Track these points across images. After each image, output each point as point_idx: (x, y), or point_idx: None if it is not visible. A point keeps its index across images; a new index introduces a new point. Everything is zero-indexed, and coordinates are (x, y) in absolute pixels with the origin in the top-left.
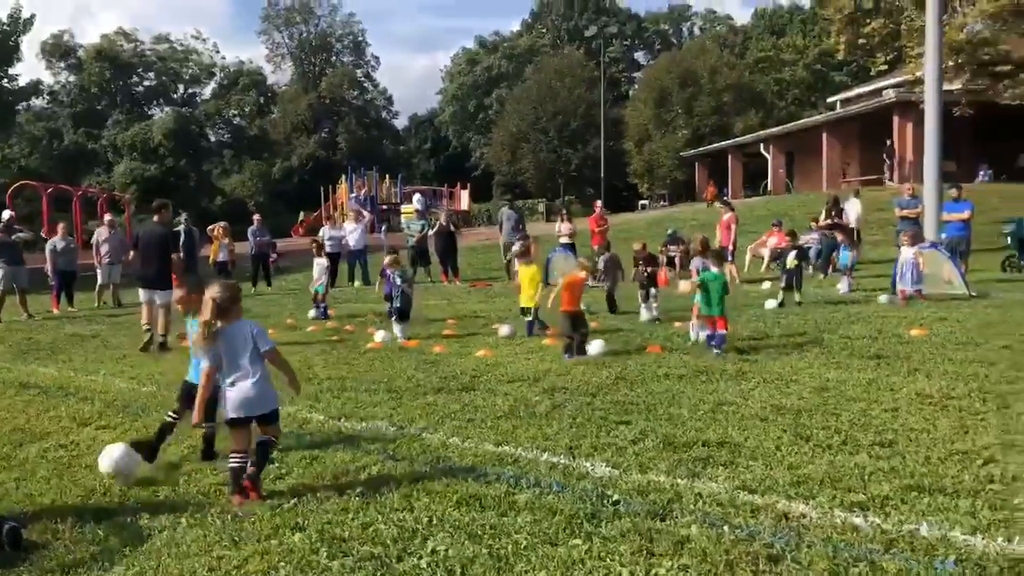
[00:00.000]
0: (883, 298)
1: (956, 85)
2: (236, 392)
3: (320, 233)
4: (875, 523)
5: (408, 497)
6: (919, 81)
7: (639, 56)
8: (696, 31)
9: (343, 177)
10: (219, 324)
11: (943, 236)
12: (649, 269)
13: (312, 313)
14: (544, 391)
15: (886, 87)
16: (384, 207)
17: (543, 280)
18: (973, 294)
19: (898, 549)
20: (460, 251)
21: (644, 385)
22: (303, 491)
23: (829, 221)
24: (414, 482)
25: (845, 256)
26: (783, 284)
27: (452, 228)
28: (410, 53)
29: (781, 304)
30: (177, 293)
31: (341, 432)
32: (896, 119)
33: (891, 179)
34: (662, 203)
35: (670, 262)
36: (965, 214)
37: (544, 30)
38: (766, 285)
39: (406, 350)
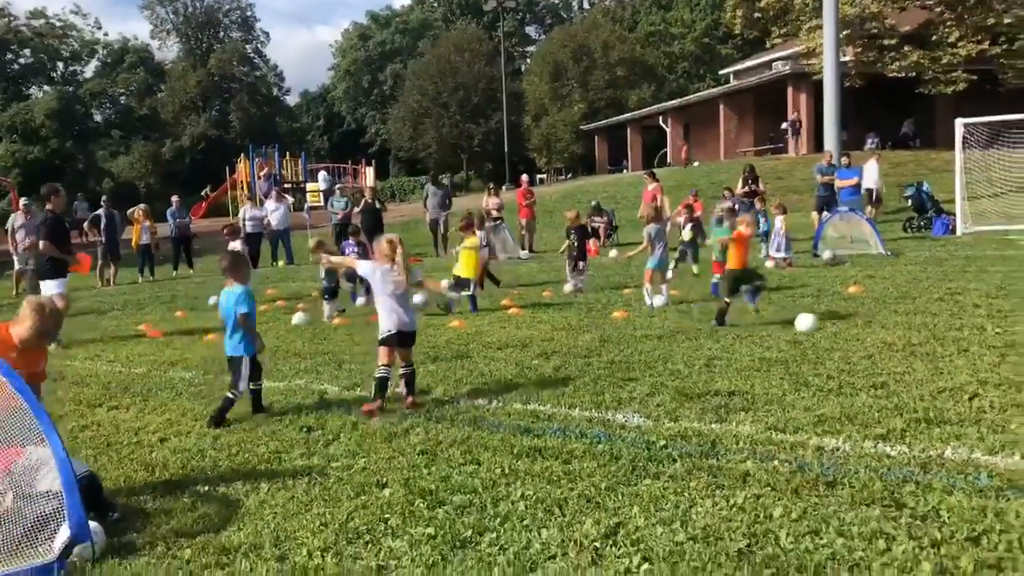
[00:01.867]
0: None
1: (847, 57)
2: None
3: (240, 213)
4: (903, 451)
5: (468, 453)
6: (811, 53)
7: (530, 31)
8: (586, 4)
9: (241, 156)
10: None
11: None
12: (577, 239)
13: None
14: (539, 355)
15: (776, 59)
16: (288, 185)
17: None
18: (888, 253)
19: (933, 470)
20: (385, 229)
21: (630, 346)
22: (362, 453)
23: (747, 189)
24: (465, 440)
25: (768, 224)
26: (677, 257)
27: (378, 205)
28: (290, 28)
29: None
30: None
31: (365, 400)
32: (790, 90)
33: (787, 150)
34: (560, 177)
35: (595, 233)
36: (854, 180)
37: (436, 4)
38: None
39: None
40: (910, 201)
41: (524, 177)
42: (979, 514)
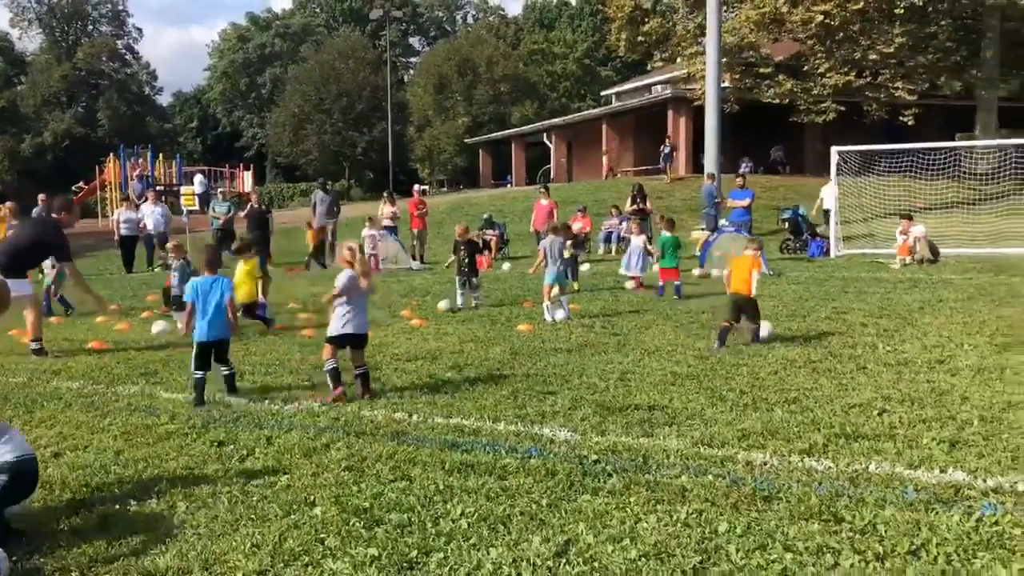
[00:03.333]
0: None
1: (725, 84)
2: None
3: (115, 216)
4: (829, 466)
5: (397, 468)
6: (691, 78)
7: (414, 42)
8: (470, 19)
9: (111, 156)
10: None
11: (727, 220)
12: (467, 254)
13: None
14: (451, 368)
15: (656, 83)
16: (161, 188)
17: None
18: (771, 273)
19: (862, 485)
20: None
21: (542, 359)
22: (282, 469)
23: (635, 207)
24: (391, 455)
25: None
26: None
27: (265, 209)
28: (164, 25)
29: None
30: None
31: (277, 413)
32: (671, 113)
33: (665, 172)
34: (443, 189)
35: (486, 246)
36: (746, 201)
37: (318, 9)
38: (585, 267)
39: (280, 334)
40: (787, 224)
41: (417, 187)
42: (914, 527)
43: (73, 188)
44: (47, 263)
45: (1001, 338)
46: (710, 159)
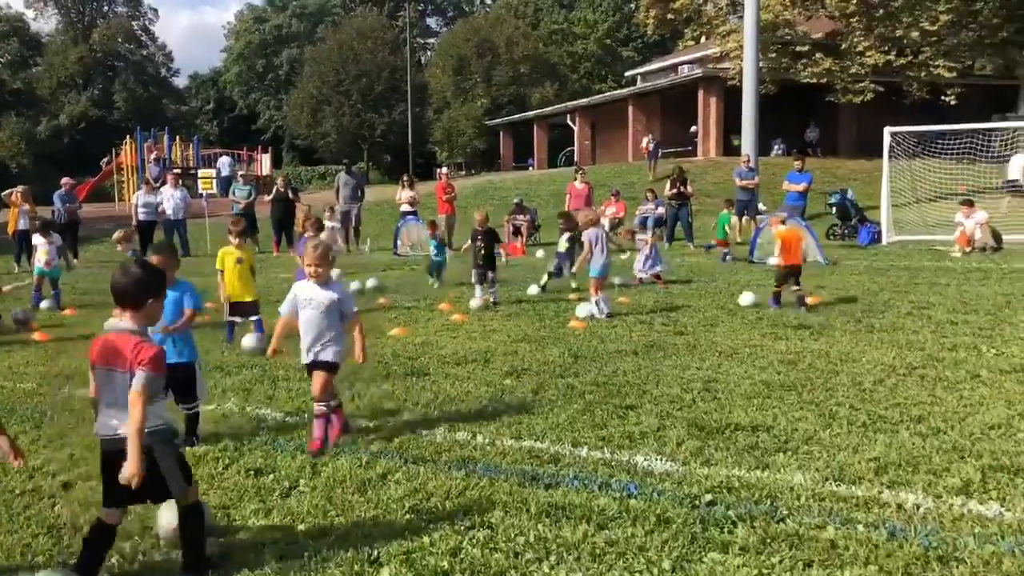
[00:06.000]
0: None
1: (760, 63)
2: None
3: (133, 199)
4: (998, 511)
5: (471, 511)
6: (723, 57)
7: (431, 22)
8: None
9: (127, 138)
10: None
11: (764, 207)
12: (484, 246)
13: (45, 304)
14: (508, 374)
15: (682, 63)
16: (178, 171)
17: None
18: (826, 261)
19: None
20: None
21: (608, 363)
22: (333, 509)
23: (675, 191)
24: (462, 492)
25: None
26: (551, 268)
27: (290, 195)
28: (179, 6)
29: (543, 288)
30: None
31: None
32: (701, 93)
33: (695, 153)
34: (461, 172)
35: (516, 231)
36: (803, 185)
37: None
38: (623, 255)
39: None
40: (834, 208)
41: (443, 170)
42: None
43: (101, 164)
44: (40, 251)
45: None
46: (747, 140)
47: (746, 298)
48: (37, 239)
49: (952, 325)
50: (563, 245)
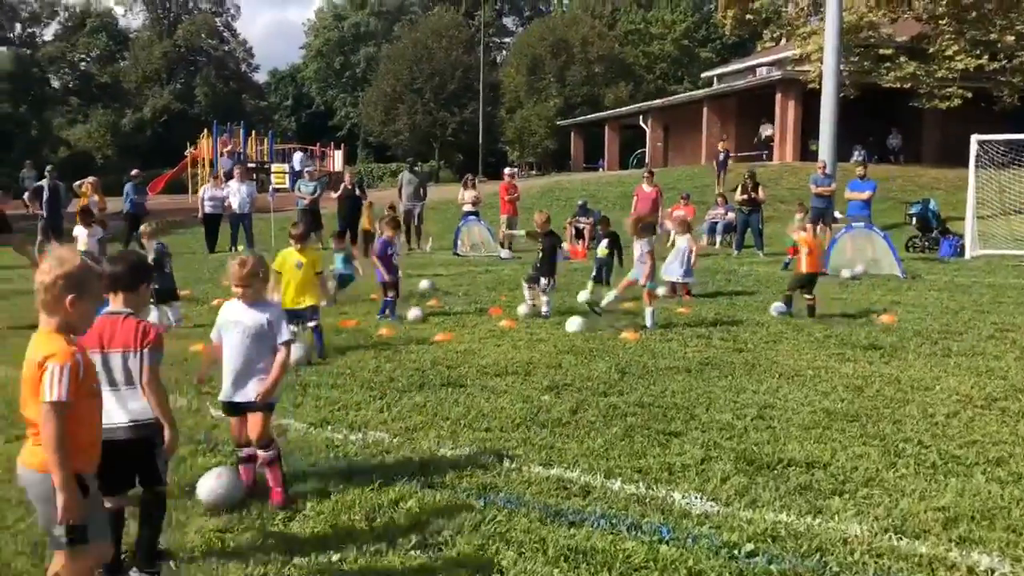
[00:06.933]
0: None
1: (841, 66)
2: None
3: (200, 192)
4: None
5: (483, 549)
6: (804, 59)
7: (508, 22)
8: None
9: (204, 132)
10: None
11: (840, 215)
12: (543, 248)
13: None
14: (547, 388)
15: (760, 65)
16: (252, 165)
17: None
18: (904, 275)
19: None
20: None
21: (657, 381)
22: (338, 541)
23: (746, 196)
24: (477, 526)
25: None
26: (593, 275)
27: (358, 192)
28: (262, 3)
29: (595, 310)
30: None
31: (334, 445)
32: (779, 96)
33: (770, 158)
34: (532, 172)
35: (579, 234)
36: (867, 194)
37: None
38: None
39: (344, 331)
40: (914, 219)
41: (508, 170)
42: None
43: (185, 154)
44: (80, 243)
45: None
46: (825, 146)
47: (776, 308)
48: (78, 229)
49: None
50: (602, 251)
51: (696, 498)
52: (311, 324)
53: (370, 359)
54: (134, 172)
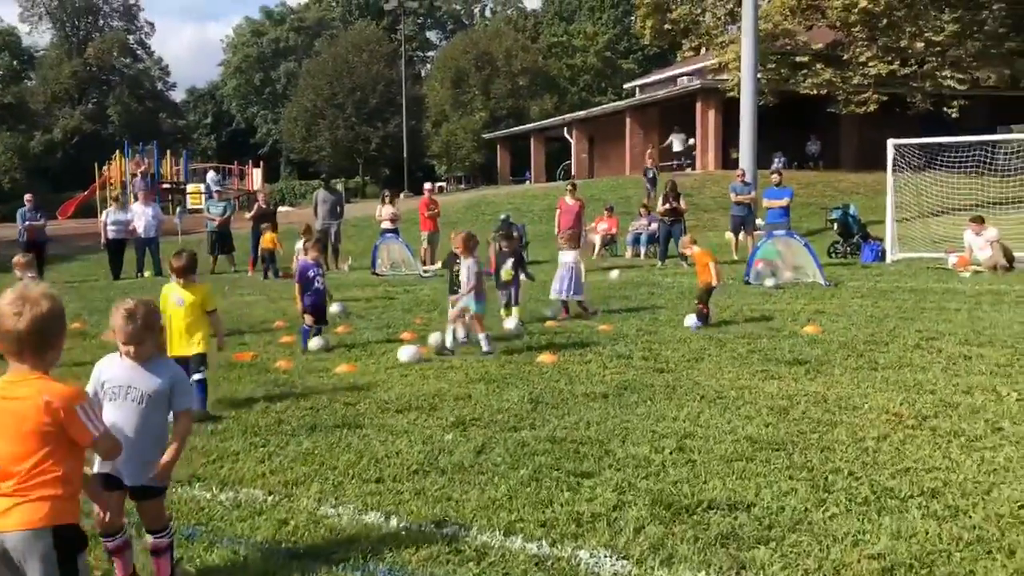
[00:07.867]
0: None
1: (759, 74)
2: None
3: (103, 216)
4: None
5: None
6: (722, 68)
7: (431, 35)
8: (488, 12)
9: (116, 153)
10: None
11: (762, 223)
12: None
13: None
14: (452, 425)
15: (681, 74)
16: (167, 186)
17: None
18: (827, 283)
19: None
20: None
21: (572, 411)
22: None
23: (668, 206)
24: None
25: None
26: (503, 303)
27: (273, 210)
28: (177, 20)
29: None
30: None
31: (199, 507)
32: (699, 105)
33: (683, 168)
34: (460, 185)
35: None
36: (784, 201)
37: (334, 3)
38: (614, 274)
39: (239, 365)
40: (835, 225)
41: (428, 185)
42: None
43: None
44: None
45: None
46: (745, 154)
47: (690, 320)
48: None
49: (965, 360)
50: (506, 274)
51: (605, 556)
52: (196, 377)
53: (260, 397)
54: (27, 197)
